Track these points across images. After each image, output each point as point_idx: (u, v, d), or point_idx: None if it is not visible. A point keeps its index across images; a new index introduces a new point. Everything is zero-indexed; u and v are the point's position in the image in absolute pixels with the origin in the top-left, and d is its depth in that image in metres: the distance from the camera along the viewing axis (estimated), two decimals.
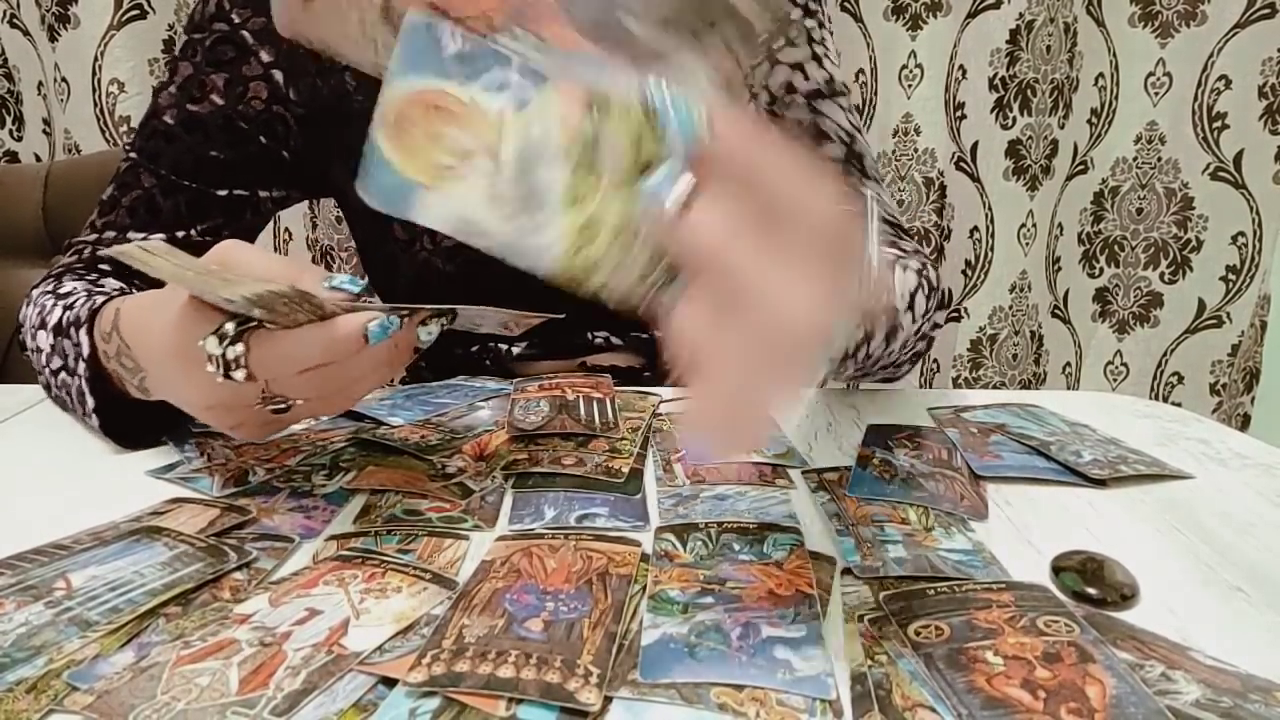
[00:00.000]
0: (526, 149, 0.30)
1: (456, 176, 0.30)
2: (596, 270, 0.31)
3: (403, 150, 0.30)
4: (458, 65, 0.29)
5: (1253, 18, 1.37)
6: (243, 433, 0.51)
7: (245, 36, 0.64)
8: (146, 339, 0.50)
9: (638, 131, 0.29)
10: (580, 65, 0.29)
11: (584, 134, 0.29)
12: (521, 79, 0.29)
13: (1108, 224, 1.51)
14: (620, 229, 0.30)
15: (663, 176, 0.28)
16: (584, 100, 0.29)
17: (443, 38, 0.29)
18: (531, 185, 0.30)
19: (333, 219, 1.42)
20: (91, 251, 0.68)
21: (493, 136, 0.30)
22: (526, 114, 0.29)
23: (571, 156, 0.29)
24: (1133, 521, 0.49)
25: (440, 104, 0.29)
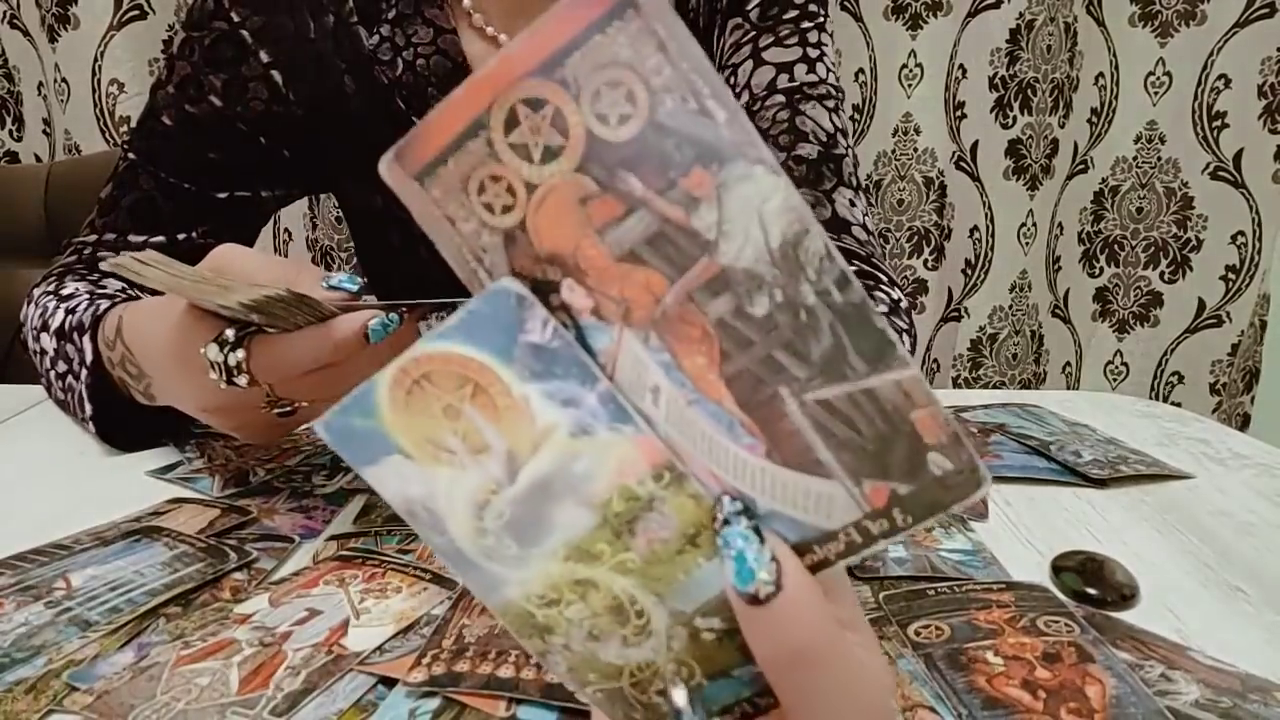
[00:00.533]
0: (556, 478, 0.24)
1: (451, 463, 0.24)
2: (553, 633, 0.25)
3: (403, 409, 0.24)
4: (529, 356, 0.23)
5: (1252, 17, 1.36)
6: (249, 436, 0.51)
7: (244, 36, 0.64)
8: (149, 347, 0.50)
9: (696, 527, 0.24)
10: (694, 420, 0.24)
11: (634, 496, 0.24)
12: (599, 407, 0.23)
13: (1108, 224, 1.51)
14: (619, 608, 0.24)
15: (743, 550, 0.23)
16: (657, 464, 0.24)
17: (529, 320, 0.23)
18: (537, 515, 0.24)
19: (332, 219, 1.42)
20: (92, 252, 0.68)
21: (524, 448, 0.24)
22: (579, 443, 0.24)
23: (605, 511, 0.24)
24: (1133, 521, 0.49)
25: (482, 386, 0.24)
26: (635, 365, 0.24)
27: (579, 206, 0.23)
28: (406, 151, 0.24)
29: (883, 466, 0.23)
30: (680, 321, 0.23)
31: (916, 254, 1.51)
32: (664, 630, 0.24)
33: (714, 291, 0.22)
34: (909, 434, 0.22)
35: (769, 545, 0.23)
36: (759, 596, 0.22)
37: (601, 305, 0.23)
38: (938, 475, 0.22)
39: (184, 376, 0.46)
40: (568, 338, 0.23)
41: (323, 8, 0.64)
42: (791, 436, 0.23)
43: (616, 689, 0.25)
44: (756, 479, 0.24)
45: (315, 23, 0.64)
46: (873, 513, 0.23)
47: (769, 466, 0.23)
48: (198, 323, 0.44)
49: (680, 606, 0.24)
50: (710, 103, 0.21)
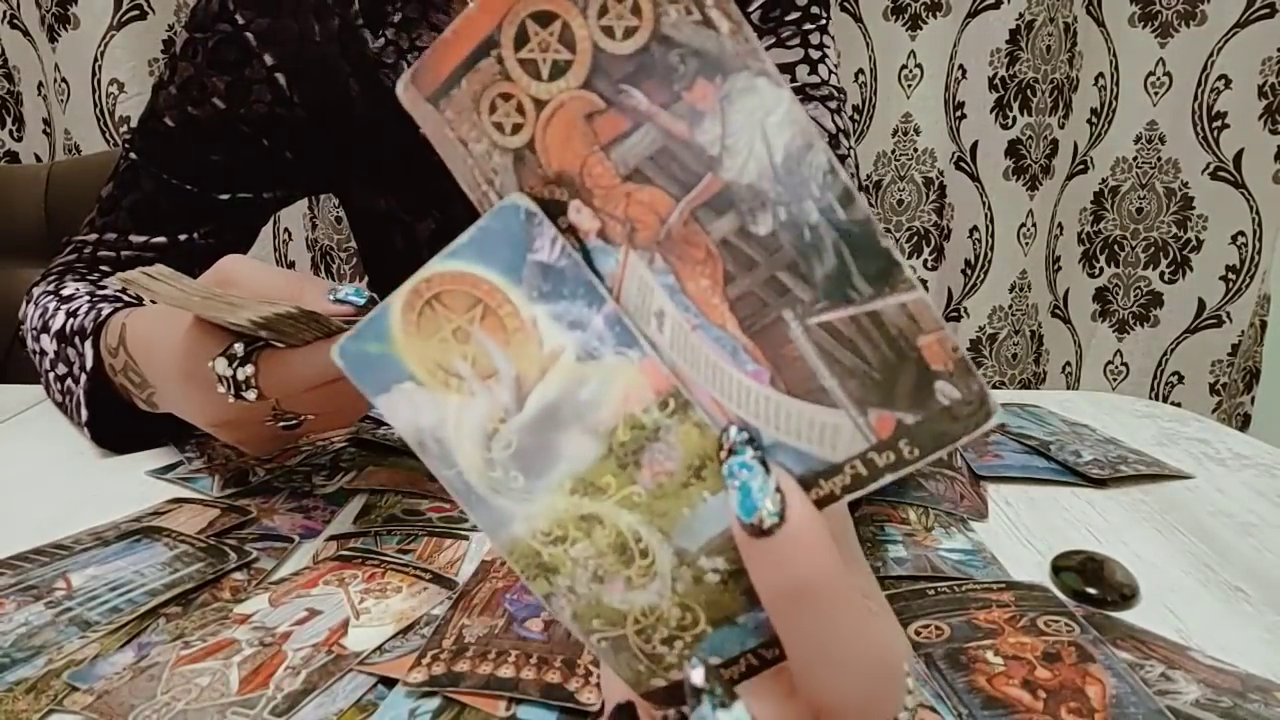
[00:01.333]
0: (563, 405, 0.23)
1: (461, 390, 0.24)
2: (558, 573, 0.24)
3: (414, 332, 0.24)
4: (538, 276, 0.23)
5: (1253, 17, 1.37)
6: (252, 448, 0.51)
7: (249, 39, 0.64)
8: (154, 358, 0.50)
9: (701, 458, 0.23)
10: (698, 346, 0.23)
11: (640, 424, 0.23)
12: (605, 330, 0.23)
13: (1108, 224, 1.51)
14: (624, 546, 0.24)
15: (748, 481, 0.22)
16: (662, 390, 0.23)
17: (538, 239, 0.23)
18: (544, 445, 0.24)
19: (332, 219, 1.42)
20: (92, 251, 0.67)
21: (532, 372, 0.23)
22: (586, 368, 0.23)
23: (611, 440, 0.23)
24: (1133, 521, 0.49)
25: (492, 307, 0.23)
26: (640, 288, 0.23)
27: (585, 123, 0.23)
28: (421, 72, 0.24)
29: (889, 395, 0.22)
30: (684, 242, 0.23)
31: (916, 254, 1.51)
32: (669, 571, 0.24)
33: (718, 210, 0.22)
34: (915, 361, 0.22)
35: (774, 476, 0.22)
36: (763, 527, 0.22)
37: (607, 226, 0.23)
38: (945, 405, 0.22)
39: (191, 390, 0.46)
40: (575, 257, 0.23)
41: (328, 10, 0.64)
42: (796, 362, 0.23)
43: (621, 636, 0.25)
44: (761, 408, 0.23)
45: (320, 25, 0.64)
46: (879, 444, 0.22)
47: (774, 395, 0.23)
48: (205, 336, 0.44)
49: (685, 544, 0.24)
50: (713, 12, 0.21)
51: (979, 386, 0.21)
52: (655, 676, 0.25)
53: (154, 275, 0.41)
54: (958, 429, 0.22)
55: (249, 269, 0.45)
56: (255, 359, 0.42)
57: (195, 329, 0.44)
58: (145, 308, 0.57)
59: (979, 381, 0.21)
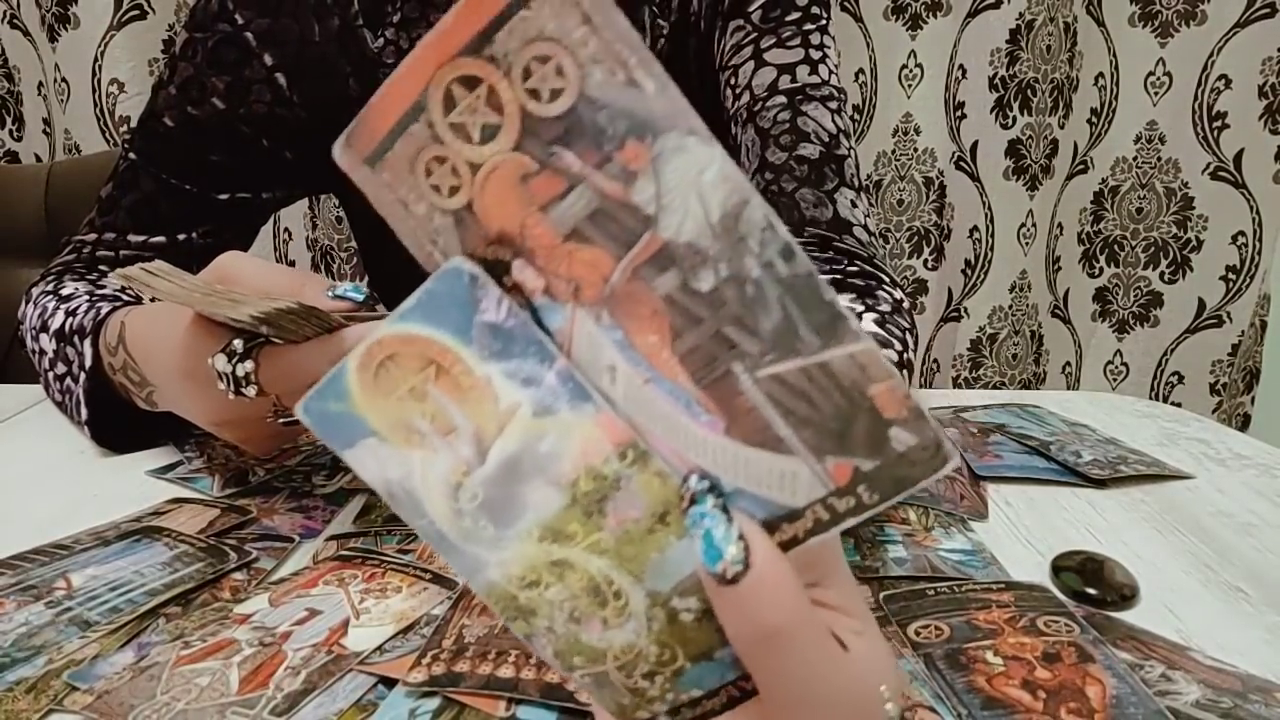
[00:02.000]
0: (524, 458, 0.24)
1: (423, 444, 0.24)
2: (535, 615, 0.25)
3: (372, 391, 0.24)
4: (487, 337, 0.23)
5: (1253, 17, 1.36)
6: (252, 446, 0.51)
7: (249, 39, 0.64)
8: (153, 357, 0.50)
9: (665, 506, 0.24)
10: (652, 399, 0.23)
11: (601, 475, 0.24)
12: (559, 386, 0.23)
13: (1108, 224, 1.51)
14: (597, 589, 0.24)
15: (711, 529, 0.22)
16: (620, 442, 0.23)
17: (484, 300, 0.23)
18: (509, 496, 0.24)
19: (332, 219, 1.42)
20: (91, 251, 0.67)
21: (490, 428, 0.24)
22: (543, 423, 0.24)
23: (574, 491, 0.24)
24: (1133, 521, 0.49)
25: (445, 367, 0.24)
26: (590, 344, 0.24)
27: (521, 185, 0.23)
28: (355, 136, 0.24)
29: (843, 443, 0.22)
30: (630, 299, 0.23)
31: (916, 254, 1.51)
32: (643, 612, 0.24)
33: (659, 267, 0.22)
34: (868, 409, 0.22)
35: (736, 523, 0.22)
36: (727, 575, 0.22)
37: (552, 284, 0.23)
38: (901, 451, 0.22)
39: (191, 388, 0.46)
40: (523, 317, 0.23)
41: (328, 10, 0.64)
42: (749, 413, 0.23)
43: (603, 672, 0.25)
44: (718, 457, 0.23)
45: (320, 26, 0.64)
46: (838, 490, 0.23)
47: (729, 444, 0.23)
48: (205, 334, 0.44)
49: (657, 586, 0.24)
50: (638, 73, 0.21)
51: (933, 432, 0.22)
52: (640, 709, 0.25)
53: (154, 271, 0.41)
54: (915, 473, 0.22)
55: (248, 266, 0.45)
56: (255, 355, 0.42)
57: (194, 327, 0.44)
58: (144, 306, 0.57)
59: (933, 427, 0.22)
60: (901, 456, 0.22)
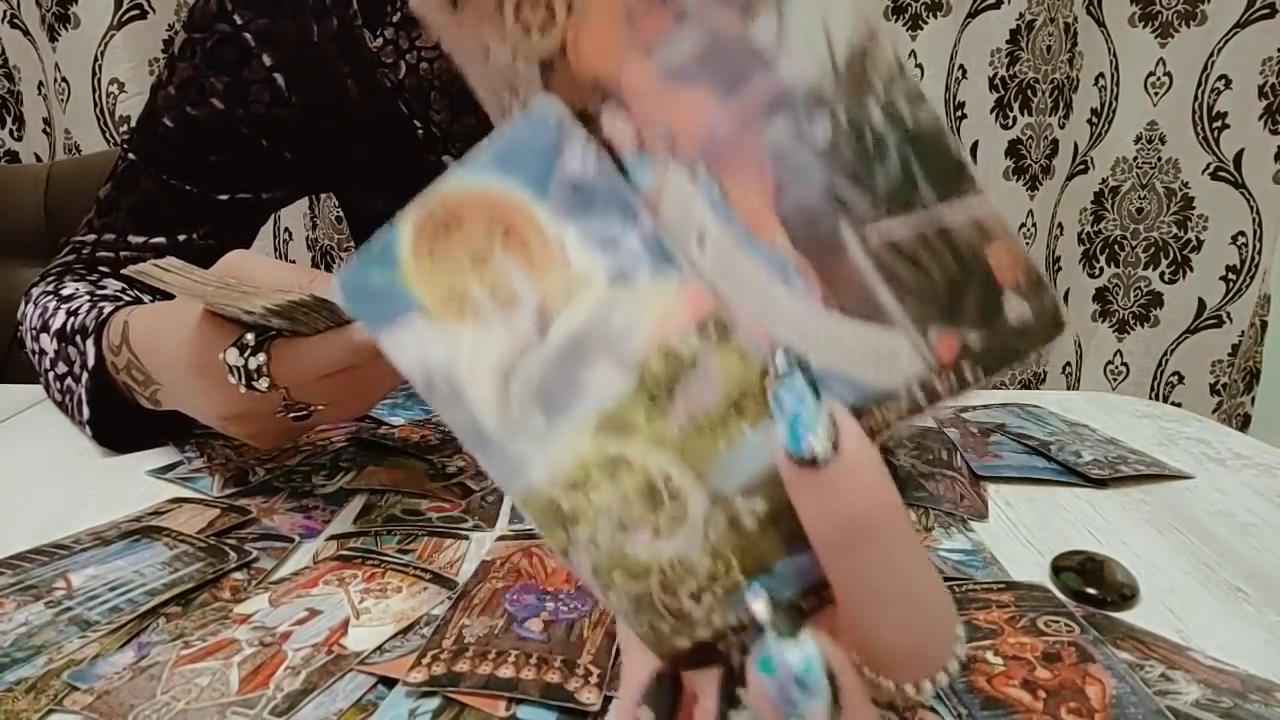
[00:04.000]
0: (592, 333, 0.21)
1: (477, 319, 0.21)
2: (578, 523, 0.22)
3: (425, 256, 0.21)
4: (566, 190, 0.21)
5: (1253, 18, 1.36)
6: (261, 441, 0.51)
7: (247, 39, 0.64)
8: (160, 354, 0.50)
9: (742, 389, 0.21)
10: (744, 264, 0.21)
11: (676, 355, 0.21)
12: (641, 250, 0.21)
13: (1108, 224, 1.51)
14: (652, 489, 0.21)
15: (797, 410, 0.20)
16: (702, 315, 0.21)
17: (568, 149, 0.20)
18: (568, 379, 0.21)
19: (332, 219, 1.42)
20: (91, 251, 0.67)
21: (558, 297, 0.21)
22: (619, 292, 0.21)
23: (643, 372, 0.21)
24: (1133, 521, 0.49)
25: (514, 223, 0.21)
26: (681, 203, 0.21)
27: (625, 20, 0.20)
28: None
29: (953, 313, 0.20)
30: (732, 151, 0.20)
31: None
32: (701, 517, 0.22)
33: (771, 114, 0.20)
34: (982, 274, 0.20)
35: (825, 403, 0.20)
36: (814, 460, 0.19)
37: (646, 136, 0.21)
38: (1013, 322, 0.20)
39: (201, 384, 0.46)
40: (610, 169, 0.21)
41: (326, 10, 0.64)
42: (851, 279, 0.20)
43: (644, 592, 0.22)
44: (811, 329, 0.21)
45: (318, 25, 0.64)
46: (939, 366, 0.20)
47: (826, 315, 0.21)
48: (215, 329, 0.44)
49: (720, 485, 0.21)
50: None
51: (1050, 298, 0.19)
52: (679, 635, 0.22)
53: (166, 267, 0.41)
54: (1025, 345, 0.20)
55: (255, 263, 0.45)
56: (267, 348, 0.42)
57: (204, 322, 0.44)
58: (148, 305, 0.57)
59: (1051, 293, 0.19)
60: (1013, 327, 0.20)
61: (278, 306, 0.39)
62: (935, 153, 0.19)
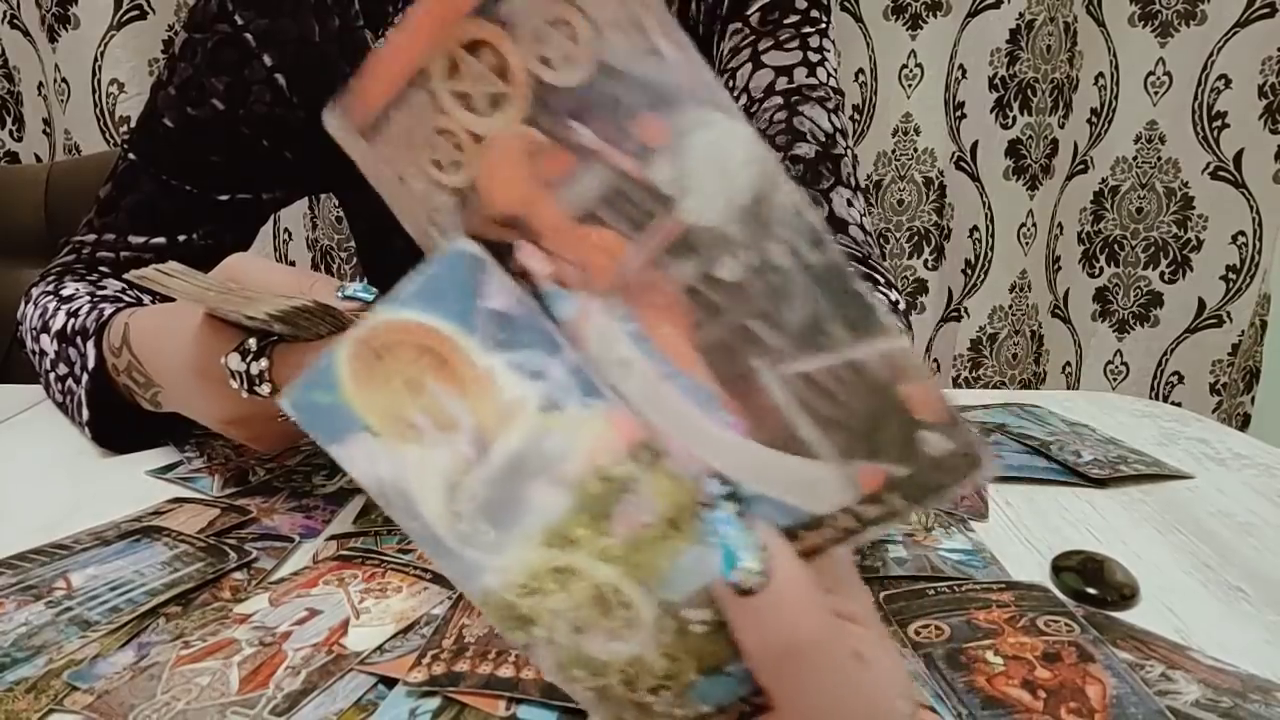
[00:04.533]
0: (528, 457, 0.22)
1: (420, 441, 0.22)
2: (535, 624, 0.23)
3: (364, 381, 0.22)
4: (492, 325, 0.21)
5: (1253, 17, 1.36)
6: (262, 445, 0.51)
7: (248, 39, 0.64)
8: (161, 357, 0.50)
9: (677, 509, 0.22)
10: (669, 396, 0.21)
11: (610, 477, 0.22)
12: (568, 380, 0.21)
13: (1108, 223, 1.51)
14: (602, 598, 0.22)
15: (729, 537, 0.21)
16: (633, 441, 0.22)
17: (488, 285, 0.21)
18: (511, 497, 0.22)
19: (332, 219, 1.42)
20: (91, 251, 0.67)
21: (492, 424, 0.22)
22: (550, 420, 0.22)
23: (582, 492, 0.22)
24: (1133, 521, 0.49)
25: (445, 357, 0.22)
26: (603, 336, 0.22)
27: (529, 161, 0.21)
28: (351, 104, 0.22)
29: (873, 447, 0.20)
30: (646, 288, 0.21)
31: (916, 254, 1.51)
32: (652, 622, 0.23)
33: (679, 254, 0.20)
34: (900, 410, 0.20)
35: (756, 531, 0.21)
36: (746, 587, 0.20)
37: (561, 270, 0.21)
38: (934, 456, 0.20)
39: (203, 387, 0.46)
40: (531, 304, 0.22)
41: (328, 10, 0.64)
42: (772, 413, 0.21)
43: (605, 686, 0.23)
44: (738, 459, 0.22)
45: (320, 26, 0.64)
46: (867, 496, 0.21)
47: (751, 446, 0.21)
48: (217, 333, 0.44)
49: (668, 596, 0.22)
50: (659, 39, 0.19)
51: (968, 436, 0.20)
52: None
53: (168, 272, 0.41)
54: (949, 479, 0.20)
55: (256, 267, 0.45)
56: (269, 353, 0.42)
57: (206, 326, 0.44)
58: (149, 308, 0.57)
59: (968, 430, 0.20)
60: (934, 461, 0.20)
61: (280, 312, 0.39)
62: (841, 294, 0.20)
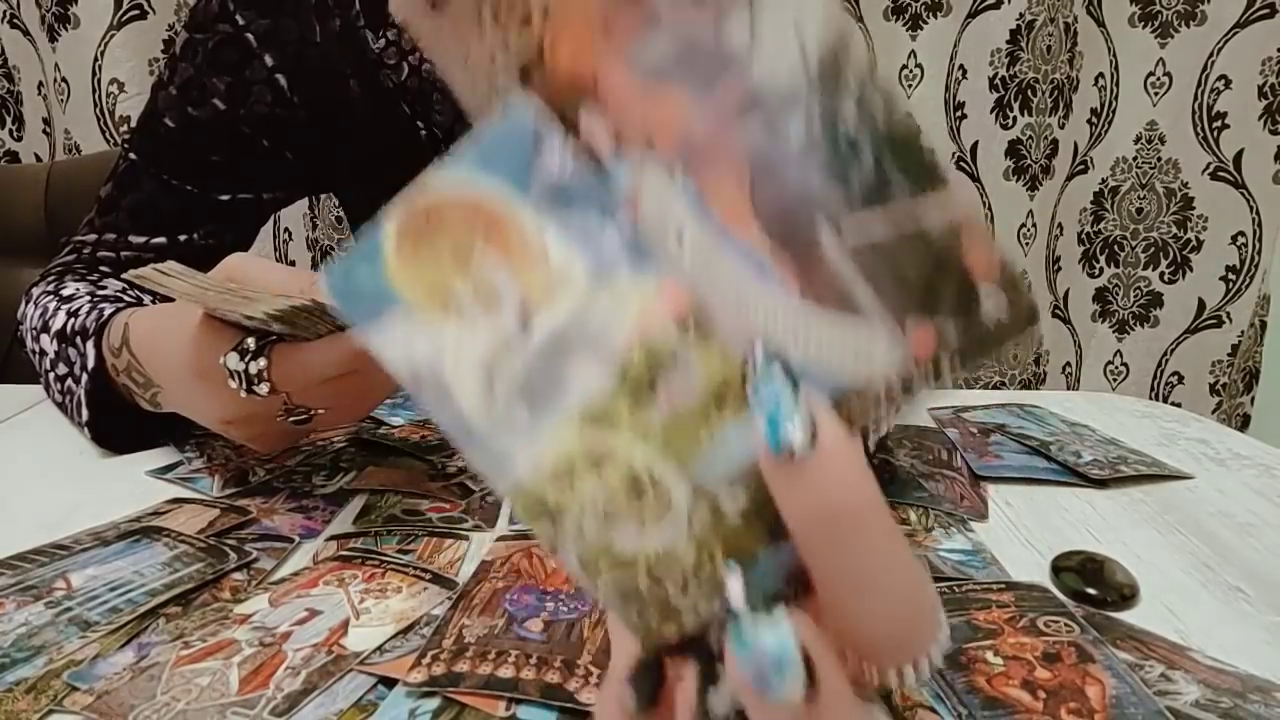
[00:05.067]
0: (572, 330, 0.21)
1: (460, 316, 0.21)
2: (564, 515, 0.22)
3: (409, 253, 0.21)
4: (545, 190, 0.21)
5: (1253, 18, 1.36)
6: (261, 445, 0.51)
7: (249, 40, 0.64)
8: (161, 357, 0.50)
9: (722, 383, 0.21)
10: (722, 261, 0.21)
11: (657, 350, 0.21)
12: (619, 248, 0.21)
13: (1108, 224, 1.51)
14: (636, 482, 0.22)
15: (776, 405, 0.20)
16: (681, 311, 0.21)
17: (546, 148, 0.21)
18: (551, 374, 0.21)
19: (332, 219, 1.42)
20: (91, 251, 0.67)
21: (538, 294, 0.21)
22: (599, 290, 0.21)
23: (626, 367, 0.21)
24: (1133, 521, 0.49)
25: (495, 221, 0.21)
26: (659, 202, 0.21)
27: (600, 24, 0.20)
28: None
29: (929, 305, 0.20)
30: (708, 150, 0.20)
31: None
32: (684, 507, 0.22)
33: (745, 113, 0.20)
34: (958, 269, 0.20)
35: (804, 398, 0.20)
36: (793, 455, 0.20)
37: (623, 135, 0.21)
38: (988, 313, 0.20)
39: (202, 387, 0.46)
40: (586, 169, 0.21)
41: (329, 11, 0.64)
42: (828, 274, 0.20)
43: (631, 582, 0.22)
44: (789, 324, 0.21)
45: (321, 26, 0.64)
46: (916, 358, 0.21)
47: (803, 310, 0.21)
48: (215, 333, 0.44)
49: (703, 477, 0.22)
50: None
51: (1024, 294, 0.20)
52: (666, 625, 0.23)
53: (167, 272, 0.41)
54: (1000, 337, 0.20)
55: (256, 266, 0.45)
56: (267, 352, 0.42)
57: (205, 326, 0.44)
58: (148, 308, 0.57)
59: (1024, 288, 0.20)
60: (989, 319, 0.20)
61: (279, 311, 0.39)
62: (909, 150, 0.20)
